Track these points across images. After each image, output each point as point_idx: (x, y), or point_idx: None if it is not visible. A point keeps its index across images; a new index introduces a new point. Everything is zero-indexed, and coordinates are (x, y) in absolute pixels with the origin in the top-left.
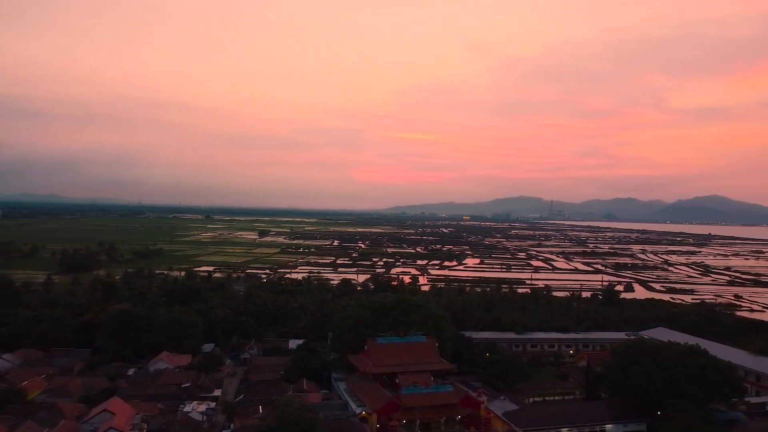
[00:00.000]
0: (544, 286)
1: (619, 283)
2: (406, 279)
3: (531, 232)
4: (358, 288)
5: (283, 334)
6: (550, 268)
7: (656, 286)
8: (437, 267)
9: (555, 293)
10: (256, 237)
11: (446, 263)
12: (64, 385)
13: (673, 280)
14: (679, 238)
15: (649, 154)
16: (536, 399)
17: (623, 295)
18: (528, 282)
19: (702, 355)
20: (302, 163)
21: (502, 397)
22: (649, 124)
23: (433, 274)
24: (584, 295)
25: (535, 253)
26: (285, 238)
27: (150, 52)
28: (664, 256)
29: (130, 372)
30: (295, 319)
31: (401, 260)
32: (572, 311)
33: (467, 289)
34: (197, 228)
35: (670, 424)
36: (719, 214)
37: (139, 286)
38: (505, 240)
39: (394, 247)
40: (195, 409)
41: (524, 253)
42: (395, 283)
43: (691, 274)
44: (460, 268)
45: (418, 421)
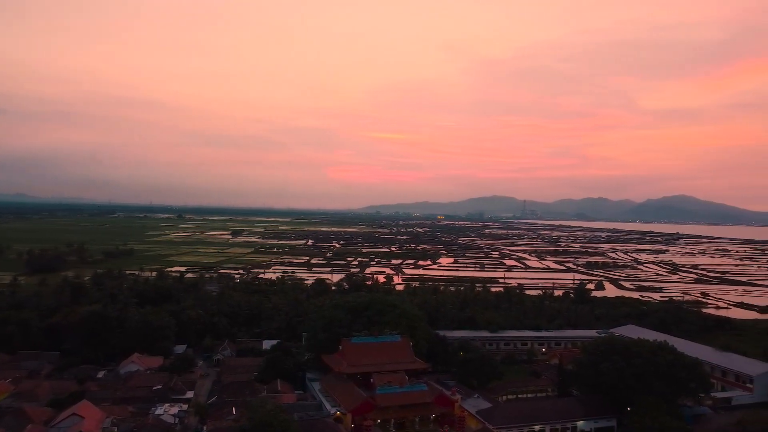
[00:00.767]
0: (517, 285)
1: (590, 282)
2: (381, 278)
3: (504, 232)
4: (333, 288)
5: (257, 335)
6: (523, 267)
7: (626, 285)
8: (412, 266)
9: (528, 292)
10: (230, 237)
11: (420, 262)
12: (31, 389)
13: (643, 278)
14: (648, 237)
15: (619, 155)
16: (509, 397)
17: (594, 294)
18: (501, 281)
19: (670, 352)
20: (276, 162)
21: (476, 396)
22: (620, 125)
23: (408, 274)
24: (556, 293)
25: (508, 252)
26: (259, 238)
27: (121, 49)
28: (634, 255)
29: (100, 374)
30: (269, 320)
31: (376, 260)
32: (545, 309)
33: (441, 288)
34: (169, 228)
35: (640, 419)
36: (687, 213)
37: (109, 287)
38: (478, 239)
39: (369, 247)
40: (167, 411)
41: (497, 253)
42: (370, 283)
43: (660, 273)
44: (435, 267)
45: (393, 421)
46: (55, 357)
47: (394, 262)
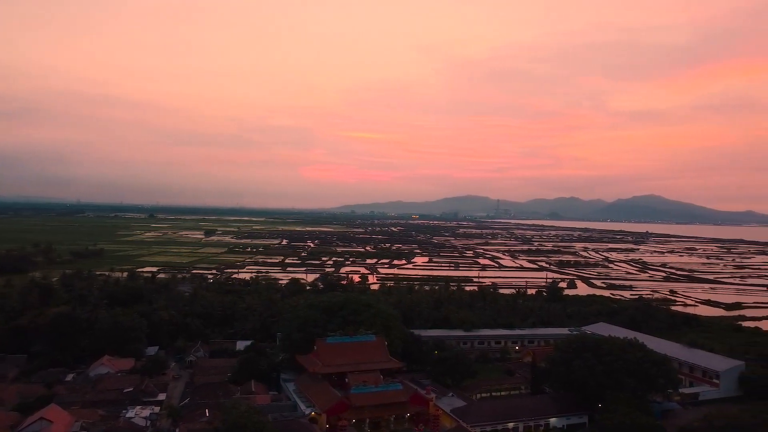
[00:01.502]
0: (491, 284)
1: (563, 280)
2: (356, 278)
3: (478, 231)
4: (308, 287)
5: (231, 336)
6: (497, 266)
7: (597, 283)
8: (387, 266)
9: (501, 291)
10: (203, 236)
11: (395, 262)
12: None
13: (614, 276)
14: (618, 236)
15: (591, 155)
16: (484, 395)
17: (566, 292)
18: (475, 280)
19: (640, 349)
20: (250, 161)
21: (451, 394)
22: (591, 126)
23: (383, 273)
24: (530, 292)
25: (482, 251)
26: (232, 238)
27: (90, 45)
28: (605, 254)
29: (69, 378)
30: (243, 320)
31: (351, 259)
32: (518, 308)
33: (416, 287)
34: (140, 227)
35: (611, 415)
36: (656, 212)
37: (78, 288)
38: (453, 238)
39: (344, 246)
40: (138, 414)
41: (472, 252)
42: (345, 283)
43: (630, 271)
44: (410, 266)
45: (368, 420)
46: (22, 360)
47: (369, 261)
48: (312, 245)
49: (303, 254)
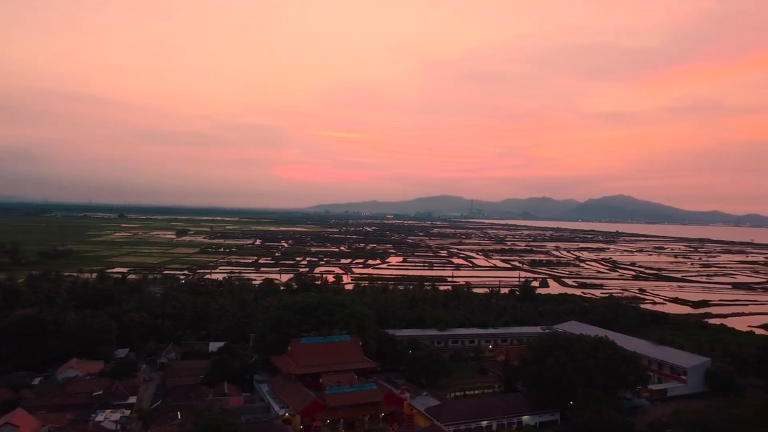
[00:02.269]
0: (464, 284)
1: (535, 279)
2: (330, 278)
3: (452, 231)
4: (281, 288)
5: (203, 337)
6: (471, 265)
7: (569, 282)
8: (361, 266)
9: (475, 290)
10: (174, 236)
11: (370, 262)
12: None
13: (585, 275)
14: (590, 236)
15: (563, 156)
16: (457, 394)
17: (539, 291)
18: (449, 279)
19: (610, 347)
20: (223, 160)
21: (425, 393)
22: (563, 127)
23: (357, 273)
24: (503, 291)
25: (456, 251)
26: (205, 238)
27: (57, 40)
28: (577, 253)
29: (36, 381)
30: (216, 321)
31: (325, 259)
32: (491, 307)
33: (390, 287)
34: (110, 227)
35: (582, 412)
36: (626, 212)
37: (45, 290)
38: (427, 238)
39: (318, 246)
40: (108, 418)
41: (446, 251)
42: (319, 283)
43: (601, 270)
44: (384, 266)
45: (342, 421)
46: None
47: (343, 261)
48: (286, 245)
49: (277, 254)
